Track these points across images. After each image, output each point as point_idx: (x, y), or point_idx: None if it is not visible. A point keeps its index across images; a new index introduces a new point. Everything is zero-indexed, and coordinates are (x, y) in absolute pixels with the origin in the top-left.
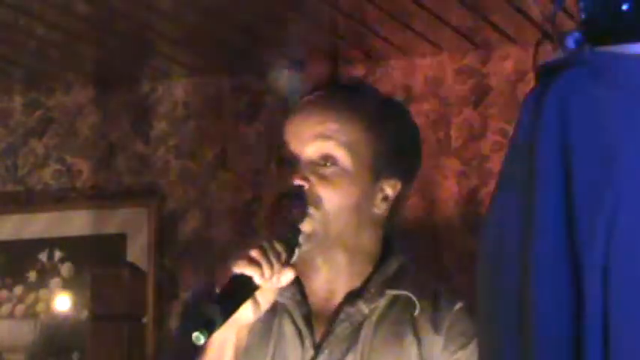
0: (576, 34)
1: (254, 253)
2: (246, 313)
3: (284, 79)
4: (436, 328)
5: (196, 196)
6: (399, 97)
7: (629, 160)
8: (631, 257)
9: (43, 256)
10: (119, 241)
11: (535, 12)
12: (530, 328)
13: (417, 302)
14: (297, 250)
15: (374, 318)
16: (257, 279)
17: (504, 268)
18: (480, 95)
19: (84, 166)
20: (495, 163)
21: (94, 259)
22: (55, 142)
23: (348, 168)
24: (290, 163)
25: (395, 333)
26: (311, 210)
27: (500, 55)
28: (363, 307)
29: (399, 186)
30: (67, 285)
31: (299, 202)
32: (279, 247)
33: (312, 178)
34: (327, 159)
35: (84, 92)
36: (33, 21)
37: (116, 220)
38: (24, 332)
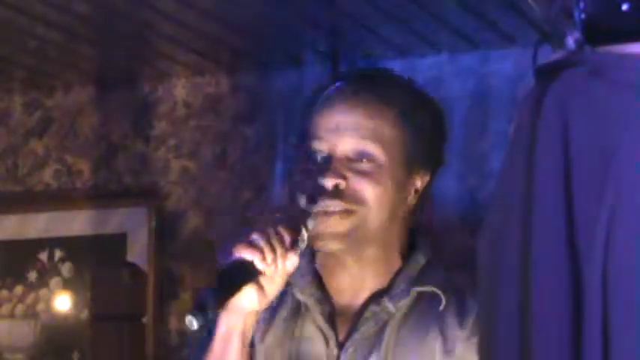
0: (576, 34)
1: (255, 236)
2: (250, 299)
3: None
4: (461, 323)
5: (196, 196)
6: None
7: (629, 160)
8: (631, 258)
9: (43, 256)
10: (119, 241)
11: (535, 12)
12: (531, 328)
13: (442, 297)
14: (305, 236)
15: (399, 316)
16: (258, 263)
17: (504, 268)
18: (480, 95)
19: (84, 166)
20: (495, 163)
21: (94, 259)
22: (55, 142)
23: (384, 164)
24: (310, 159)
25: (419, 331)
26: (352, 207)
27: (500, 55)
28: (389, 306)
29: (427, 177)
30: (67, 285)
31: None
32: (283, 231)
33: (349, 175)
34: (363, 155)
35: (84, 92)
36: (33, 21)
37: (116, 220)
38: (24, 332)
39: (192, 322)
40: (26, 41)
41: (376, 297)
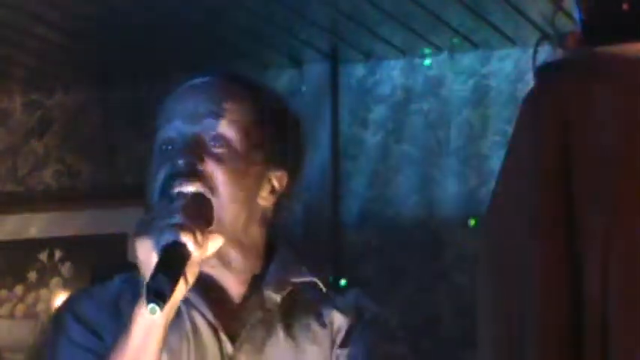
0: (576, 34)
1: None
2: (180, 289)
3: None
4: (343, 312)
5: None
6: (399, 97)
7: (628, 160)
8: (631, 257)
9: (43, 256)
10: (119, 241)
11: (535, 12)
12: (531, 327)
13: (322, 286)
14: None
15: (287, 304)
16: (190, 246)
17: (505, 267)
18: (480, 95)
19: (84, 166)
20: (495, 163)
21: (94, 259)
22: (55, 142)
23: (240, 151)
24: (163, 149)
25: (309, 319)
26: (207, 194)
27: (500, 55)
28: (273, 296)
29: (285, 179)
30: (67, 285)
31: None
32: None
33: (205, 158)
34: (219, 139)
35: (84, 92)
36: (33, 21)
37: (116, 220)
38: (24, 332)
39: (155, 310)
40: (26, 41)
41: (254, 289)
